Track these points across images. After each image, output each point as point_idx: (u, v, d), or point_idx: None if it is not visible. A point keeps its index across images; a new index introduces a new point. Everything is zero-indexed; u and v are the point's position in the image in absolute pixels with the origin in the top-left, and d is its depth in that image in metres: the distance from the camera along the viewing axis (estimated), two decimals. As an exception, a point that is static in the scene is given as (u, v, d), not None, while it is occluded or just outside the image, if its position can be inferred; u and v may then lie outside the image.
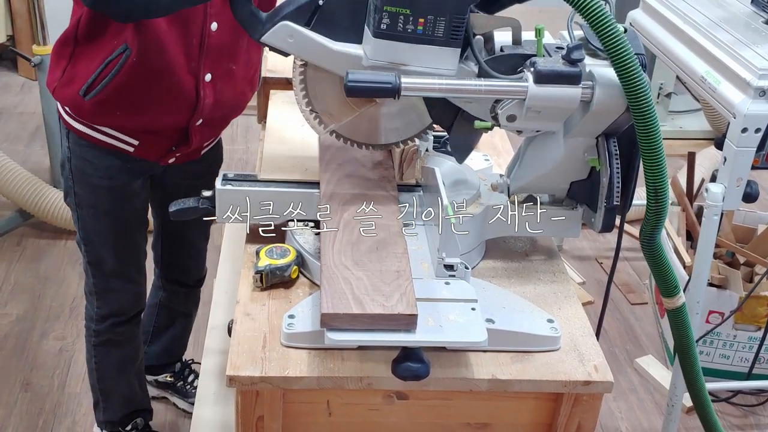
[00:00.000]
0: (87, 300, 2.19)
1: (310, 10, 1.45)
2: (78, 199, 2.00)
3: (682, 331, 1.59)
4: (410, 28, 1.41)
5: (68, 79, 1.84)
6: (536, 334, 1.44)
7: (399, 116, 1.62)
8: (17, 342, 2.93)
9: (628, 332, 3.17)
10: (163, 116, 1.88)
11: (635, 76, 1.34)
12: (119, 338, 2.21)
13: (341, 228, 1.50)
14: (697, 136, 4.60)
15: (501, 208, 1.63)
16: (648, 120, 1.36)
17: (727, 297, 2.70)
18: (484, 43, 1.50)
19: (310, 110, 1.58)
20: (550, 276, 1.64)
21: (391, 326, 1.29)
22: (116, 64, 1.76)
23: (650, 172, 1.40)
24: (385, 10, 1.39)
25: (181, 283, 2.42)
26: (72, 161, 1.95)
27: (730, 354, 2.82)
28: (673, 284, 1.53)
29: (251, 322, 1.46)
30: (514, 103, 1.45)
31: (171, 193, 2.09)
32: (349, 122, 1.62)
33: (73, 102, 1.86)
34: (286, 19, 1.45)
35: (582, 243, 3.65)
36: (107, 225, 2.03)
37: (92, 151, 1.92)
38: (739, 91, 2.24)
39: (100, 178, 1.95)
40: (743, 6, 2.75)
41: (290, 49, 1.48)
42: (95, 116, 1.86)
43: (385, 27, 1.41)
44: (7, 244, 3.45)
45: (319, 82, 1.55)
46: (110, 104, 1.83)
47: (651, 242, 1.49)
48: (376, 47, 1.43)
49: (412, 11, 1.39)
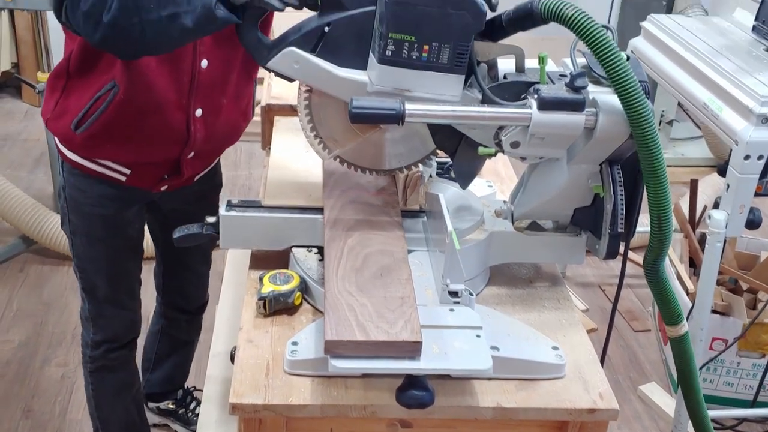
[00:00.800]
0: (83, 326, 2.20)
1: (315, 36, 1.46)
2: (72, 226, 2.02)
3: (684, 359, 1.58)
4: (415, 55, 1.42)
5: (60, 111, 1.87)
6: (541, 362, 1.43)
7: (403, 142, 1.63)
8: (19, 368, 2.91)
9: (631, 359, 3.15)
10: (154, 150, 1.90)
11: (639, 103, 1.35)
12: (113, 364, 2.22)
13: (345, 254, 1.50)
14: (699, 163, 4.60)
15: (505, 235, 1.63)
16: (651, 148, 1.36)
17: (730, 324, 2.69)
18: (488, 71, 1.51)
19: (314, 135, 1.59)
20: (554, 303, 1.64)
21: (395, 353, 1.29)
22: (105, 100, 1.78)
23: (654, 200, 1.40)
24: (390, 37, 1.40)
25: (183, 309, 2.42)
26: (66, 190, 1.98)
27: (734, 381, 2.80)
28: (677, 312, 1.53)
29: (254, 349, 1.45)
30: (518, 130, 1.46)
31: (169, 219, 2.12)
32: (354, 148, 1.62)
33: (64, 134, 1.88)
34: (292, 45, 1.46)
35: (585, 270, 3.64)
36: (100, 252, 2.05)
37: (85, 180, 1.94)
38: (742, 118, 2.25)
39: (92, 207, 1.98)
40: (744, 34, 2.77)
41: (296, 74, 1.49)
42: (86, 149, 1.89)
43: (390, 54, 1.42)
44: (9, 271, 3.45)
45: (323, 107, 1.56)
46: (100, 138, 1.85)
47: (655, 270, 1.48)
48: (381, 73, 1.44)
49: (417, 38, 1.41)
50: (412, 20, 1.39)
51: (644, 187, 1.46)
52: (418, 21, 1.39)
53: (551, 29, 1.51)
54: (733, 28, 2.85)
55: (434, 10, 1.38)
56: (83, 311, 2.16)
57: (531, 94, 1.45)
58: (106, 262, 2.07)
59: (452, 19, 1.39)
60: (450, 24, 1.39)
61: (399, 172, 1.69)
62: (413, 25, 1.39)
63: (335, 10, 1.45)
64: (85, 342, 2.20)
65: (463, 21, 1.40)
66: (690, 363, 1.58)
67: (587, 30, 1.34)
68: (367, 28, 1.45)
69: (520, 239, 1.64)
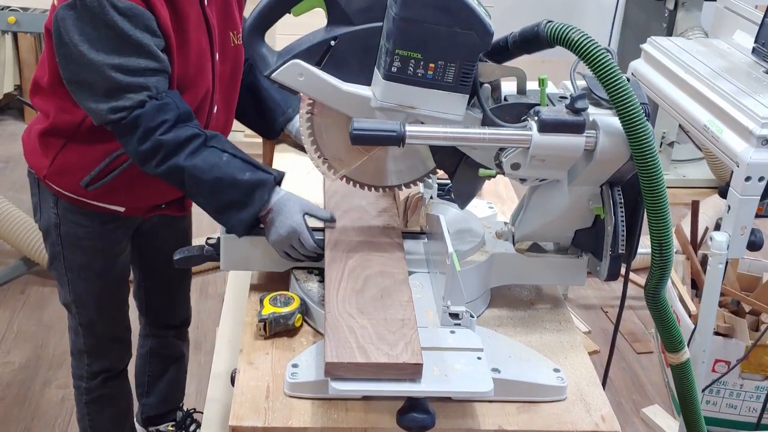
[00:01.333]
0: (75, 359, 2.17)
1: (321, 50, 1.47)
2: (68, 263, 1.99)
3: (686, 386, 1.57)
4: (420, 73, 1.42)
5: (60, 169, 1.85)
6: (542, 384, 1.42)
7: (403, 159, 1.63)
8: (19, 390, 2.90)
9: (634, 382, 3.14)
10: (164, 194, 1.93)
11: (641, 129, 1.35)
12: (112, 392, 2.21)
13: (345, 276, 1.49)
14: (701, 184, 4.60)
15: (506, 256, 1.63)
16: (652, 171, 1.36)
17: (733, 346, 2.68)
18: (491, 92, 1.52)
19: (319, 157, 1.59)
20: (555, 325, 1.63)
21: (396, 376, 1.28)
22: (127, 158, 1.76)
23: (654, 224, 1.40)
24: (397, 53, 1.41)
25: (169, 325, 2.41)
26: (61, 227, 1.94)
27: (737, 404, 2.78)
28: (678, 339, 1.52)
29: (254, 371, 1.44)
30: (519, 152, 1.46)
31: (150, 239, 2.14)
32: (365, 167, 1.62)
33: (70, 190, 1.87)
34: (297, 57, 1.47)
35: (587, 292, 3.63)
36: (99, 286, 2.04)
37: (84, 215, 1.93)
38: (742, 140, 2.25)
39: (92, 241, 1.96)
40: (744, 56, 2.78)
41: (300, 87, 1.50)
42: (92, 198, 1.88)
43: (396, 70, 1.42)
44: (10, 292, 3.45)
45: (326, 130, 1.56)
46: (114, 193, 1.86)
47: (656, 296, 1.48)
48: (386, 89, 1.44)
49: (423, 56, 1.41)
50: (420, 38, 1.39)
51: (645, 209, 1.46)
52: (426, 39, 1.39)
53: (551, 51, 1.51)
54: (733, 50, 2.86)
55: (442, 28, 1.39)
56: (76, 345, 2.14)
57: (531, 116, 1.46)
58: (106, 295, 2.06)
59: (459, 39, 1.40)
60: (457, 43, 1.40)
61: (398, 190, 1.68)
62: (420, 43, 1.40)
63: (342, 24, 1.45)
64: (78, 375, 2.18)
65: (470, 41, 1.40)
66: (692, 390, 1.57)
67: (593, 55, 1.35)
68: (373, 44, 1.45)
69: (521, 261, 1.64)
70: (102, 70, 1.58)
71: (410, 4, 1.37)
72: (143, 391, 2.50)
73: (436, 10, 1.38)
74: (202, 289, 3.47)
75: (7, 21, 3.34)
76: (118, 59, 1.58)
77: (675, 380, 1.57)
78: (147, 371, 2.48)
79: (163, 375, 2.50)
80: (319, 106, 1.54)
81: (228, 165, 1.59)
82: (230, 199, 1.58)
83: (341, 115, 1.52)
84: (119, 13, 1.56)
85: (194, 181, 1.60)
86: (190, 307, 2.45)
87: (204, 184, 1.59)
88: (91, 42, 1.57)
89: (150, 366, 2.47)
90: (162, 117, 1.59)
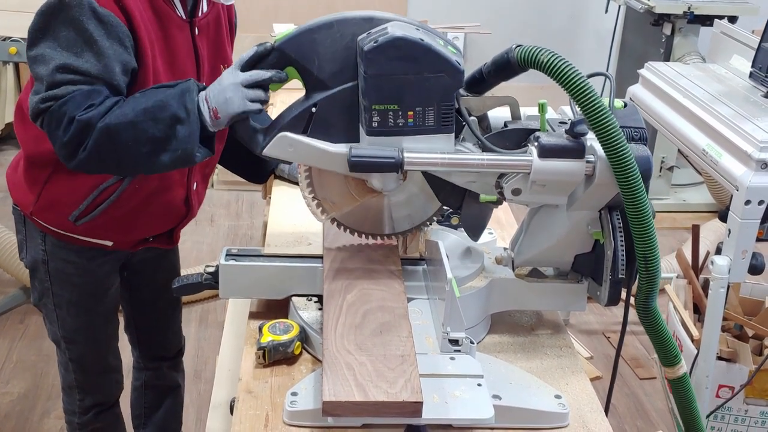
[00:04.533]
0: (66, 394, 2.15)
1: (304, 118, 1.48)
2: (57, 299, 1.96)
3: (685, 401, 1.56)
4: (401, 122, 1.44)
5: (48, 204, 1.82)
6: (544, 411, 1.41)
7: (407, 204, 1.63)
8: (18, 421, 2.88)
9: (637, 408, 3.11)
10: (156, 227, 1.93)
11: (617, 144, 1.36)
12: (105, 425, 2.18)
13: (344, 310, 1.48)
14: (701, 209, 4.60)
15: (506, 282, 1.62)
16: (634, 189, 1.37)
17: (736, 370, 2.66)
18: (479, 123, 1.52)
19: (312, 196, 1.59)
20: (556, 350, 1.62)
21: (395, 414, 1.26)
22: (114, 190, 1.76)
23: (640, 241, 1.41)
24: (374, 108, 1.42)
25: (163, 357, 2.38)
26: (50, 264, 1.92)
27: (742, 429, 2.76)
28: (673, 353, 1.51)
29: (253, 399, 1.43)
30: (519, 177, 1.46)
31: (138, 272, 2.12)
32: (354, 213, 1.62)
33: (59, 225, 1.84)
34: (283, 130, 1.49)
35: (589, 317, 3.62)
36: (88, 321, 2.01)
37: (72, 251, 1.90)
38: (741, 164, 2.25)
39: (80, 277, 1.94)
40: (742, 80, 2.79)
41: (291, 157, 1.52)
42: (81, 233, 1.86)
43: (377, 124, 1.44)
44: (10, 322, 3.43)
45: (324, 170, 1.56)
46: (104, 227, 1.84)
47: (647, 310, 1.48)
48: (372, 144, 1.45)
49: (400, 106, 1.43)
50: (392, 90, 1.41)
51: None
52: (398, 90, 1.41)
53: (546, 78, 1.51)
54: (731, 74, 2.87)
55: (411, 76, 1.41)
56: (66, 381, 2.11)
57: (531, 141, 1.46)
58: (94, 330, 2.04)
59: (431, 83, 1.41)
60: (429, 88, 1.42)
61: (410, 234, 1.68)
62: (394, 94, 1.42)
63: (319, 90, 1.48)
64: (70, 410, 2.15)
65: (442, 82, 1.42)
66: (692, 404, 1.56)
67: (564, 74, 1.36)
68: (352, 102, 1.47)
69: (521, 286, 1.63)
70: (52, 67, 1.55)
71: (375, 60, 1.39)
72: (139, 423, 2.46)
73: (401, 61, 1.40)
74: (202, 318, 3.46)
75: (8, 52, 3.36)
76: (73, 59, 1.55)
77: (674, 396, 1.56)
78: (143, 404, 2.44)
79: (159, 406, 2.47)
80: None
81: (144, 95, 1.55)
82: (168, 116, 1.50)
83: None
84: (95, 17, 1.55)
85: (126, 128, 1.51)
86: (182, 337, 2.42)
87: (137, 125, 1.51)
88: (56, 39, 1.56)
89: (145, 398, 2.44)
90: (89, 102, 1.54)
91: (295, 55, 1.47)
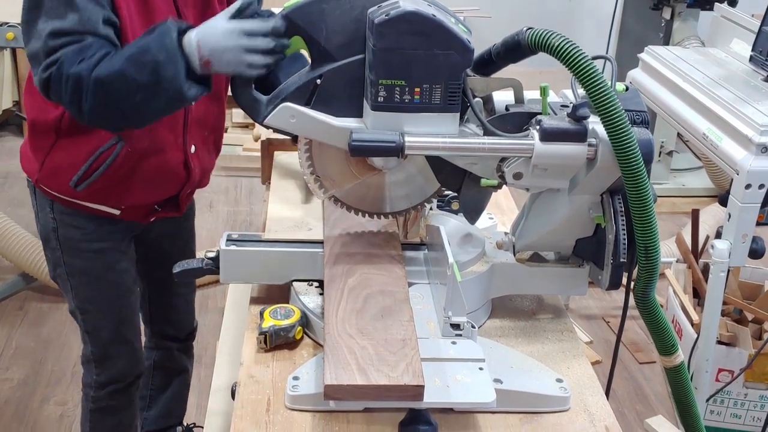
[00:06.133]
0: (84, 368, 2.17)
1: (308, 89, 1.47)
2: (69, 268, 2.00)
3: (682, 390, 1.56)
4: (407, 98, 1.42)
5: (51, 171, 1.86)
6: (545, 394, 1.41)
7: (406, 183, 1.62)
8: (18, 407, 2.88)
9: (637, 392, 3.12)
10: (155, 191, 1.93)
11: (623, 131, 1.35)
12: (117, 405, 2.19)
13: (345, 295, 1.48)
14: (700, 193, 4.60)
15: (507, 266, 1.62)
16: (638, 179, 1.37)
17: (736, 355, 2.66)
18: (484, 104, 1.51)
19: (311, 173, 1.58)
20: (557, 335, 1.62)
21: (397, 397, 1.26)
22: (110, 154, 1.79)
23: (641, 229, 1.40)
24: (380, 83, 1.41)
25: (174, 338, 2.39)
26: (59, 231, 1.96)
27: (741, 413, 2.77)
28: (671, 342, 1.51)
29: (255, 384, 1.43)
30: (521, 161, 1.46)
31: (152, 248, 2.15)
32: (354, 190, 1.61)
33: (62, 191, 1.88)
34: (286, 100, 1.48)
35: (589, 302, 3.62)
36: (101, 290, 2.03)
37: (79, 217, 1.94)
38: (741, 148, 2.25)
39: (90, 243, 1.97)
40: (742, 64, 2.78)
41: (293, 128, 1.51)
42: (85, 199, 1.89)
43: (383, 99, 1.42)
44: (9, 308, 3.43)
45: (324, 146, 1.56)
46: (104, 190, 1.86)
47: (646, 299, 1.48)
48: (376, 119, 1.44)
49: (407, 82, 1.41)
50: (400, 65, 1.40)
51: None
52: (406, 65, 1.40)
53: (548, 62, 1.51)
54: (731, 58, 2.87)
55: (421, 52, 1.39)
56: (85, 354, 2.13)
57: (533, 125, 1.45)
58: (108, 300, 2.05)
59: (440, 60, 1.40)
60: (438, 65, 1.40)
61: (408, 214, 1.67)
62: (402, 70, 1.40)
63: (325, 62, 1.46)
64: (87, 383, 2.17)
65: (451, 60, 1.40)
66: (688, 394, 1.56)
67: (574, 59, 1.35)
68: (358, 76, 1.45)
69: (522, 271, 1.63)
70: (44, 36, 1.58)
71: (386, 33, 1.38)
72: (145, 404, 2.48)
73: (412, 35, 1.38)
74: (202, 303, 3.46)
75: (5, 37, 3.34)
76: (59, 23, 1.58)
77: (671, 385, 1.56)
78: (150, 384, 2.46)
79: (166, 389, 2.48)
80: None
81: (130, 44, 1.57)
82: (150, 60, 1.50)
83: None
84: None
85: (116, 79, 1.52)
86: (194, 320, 2.44)
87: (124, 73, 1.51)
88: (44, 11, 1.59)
89: (153, 379, 2.45)
90: (80, 57, 1.56)
91: (303, 24, 1.45)
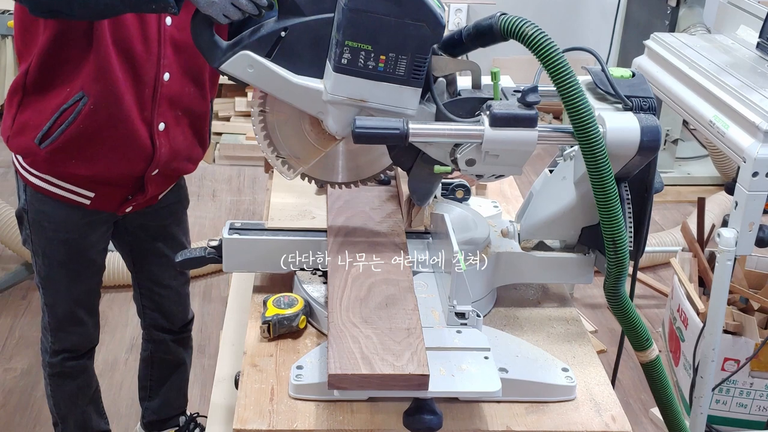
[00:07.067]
0: (42, 334, 2.22)
1: (271, 41, 1.43)
2: (35, 247, 2.04)
3: (659, 384, 1.53)
4: (371, 65, 1.39)
5: (20, 127, 1.87)
6: (551, 384, 1.40)
7: (358, 156, 1.60)
8: (21, 397, 2.89)
9: (642, 381, 3.11)
10: (119, 165, 1.91)
11: (587, 123, 1.33)
12: (72, 371, 2.24)
13: (349, 284, 1.47)
14: (705, 182, 4.58)
15: (511, 255, 1.61)
16: (602, 172, 1.35)
17: (742, 344, 2.65)
18: (447, 86, 1.49)
19: (275, 156, 1.56)
20: (563, 324, 1.61)
21: (402, 387, 1.25)
22: (73, 111, 1.79)
23: (606, 221, 1.39)
24: (346, 44, 1.37)
25: (167, 330, 2.39)
26: (29, 213, 1.99)
27: (747, 403, 2.76)
28: (644, 336, 1.48)
29: (258, 373, 1.43)
30: (473, 147, 1.43)
31: (138, 238, 2.16)
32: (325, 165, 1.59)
33: (27, 150, 1.88)
34: (246, 48, 1.43)
35: (594, 290, 3.61)
36: (61, 275, 2.07)
37: (49, 205, 1.95)
38: (749, 135, 2.23)
39: (55, 231, 1.99)
40: (749, 51, 2.76)
41: (249, 79, 1.46)
42: (50, 165, 1.89)
43: (346, 62, 1.39)
44: (12, 298, 3.43)
45: (280, 127, 1.53)
46: (66, 153, 1.85)
47: (616, 294, 1.46)
48: (337, 82, 1.41)
49: (373, 48, 1.38)
50: (369, 29, 1.36)
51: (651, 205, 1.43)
52: (375, 30, 1.36)
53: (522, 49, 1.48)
54: (737, 45, 2.84)
55: (392, 19, 1.36)
56: (43, 321, 2.18)
57: (484, 110, 1.43)
58: (67, 285, 2.09)
59: (410, 30, 1.37)
60: (408, 35, 1.37)
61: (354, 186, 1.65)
62: (370, 34, 1.37)
63: (293, 15, 1.42)
64: (44, 348, 2.22)
65: (420, 33, 1.37)
66: (666, 388, 1.53)
67: (544, 49, 1.33)
68: (324, 36, 1.42)
69: (527, 259, 1.61)
70: None
71: None
72: (146, 395, 2.49)
73: (385, 0, 1.35)
74: (205, 293, 3.45)
75: (7, 25, 3.33)
76: None
77: (648, 380, 1.54)
78: (149, 376, 2.46)
79: (165, 381, 2.48)
80: (271, 103, 1.50)
81: None
82: None
83: (294, 111, 1.49)
84: None
85: None
86: (189, 311, 2.43)
87: None
88: None
89: (152, 371, 2.46)
90: None
91: None
